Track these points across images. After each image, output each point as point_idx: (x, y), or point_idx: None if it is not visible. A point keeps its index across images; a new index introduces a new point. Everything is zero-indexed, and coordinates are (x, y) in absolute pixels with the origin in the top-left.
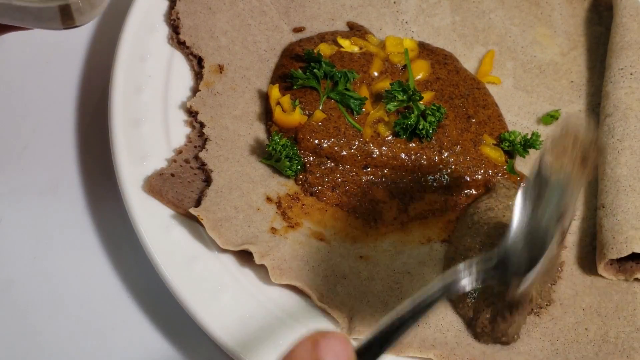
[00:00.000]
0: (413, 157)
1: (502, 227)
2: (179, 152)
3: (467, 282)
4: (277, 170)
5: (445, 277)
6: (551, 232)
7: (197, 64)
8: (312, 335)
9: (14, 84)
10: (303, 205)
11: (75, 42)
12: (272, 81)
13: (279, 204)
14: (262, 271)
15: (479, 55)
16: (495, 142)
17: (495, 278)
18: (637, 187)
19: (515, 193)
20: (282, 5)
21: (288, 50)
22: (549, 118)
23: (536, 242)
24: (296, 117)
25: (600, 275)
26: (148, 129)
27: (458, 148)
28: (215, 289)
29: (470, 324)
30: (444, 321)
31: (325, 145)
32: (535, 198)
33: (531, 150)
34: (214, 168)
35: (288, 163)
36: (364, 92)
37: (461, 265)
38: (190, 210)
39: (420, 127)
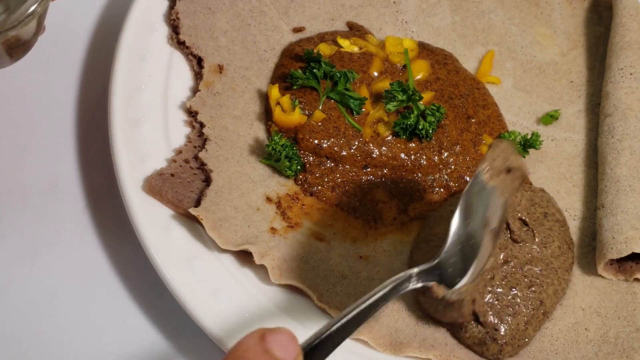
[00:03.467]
0: (413, 157)
1: None
2: (179, 152)
3: (415, 283)
4: (277, 170)
5: (395, 279)
6: (479, 236)
7: (197, 64)
8: (259, 330)
9: (14, 84)
10: (303, 205)
11: (76, 41)
12: (272, 81)
13: (278, 204)
14: (262, 271)
15: (478, 55)
16: None
17: (435, 278)
18: (637, 187)
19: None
20: (282, 5)
21: (288, 50)
22: (549, 118)
23: (468, 245)
24: (296, 117)
25: (600, 275)
26: (148, 129)
27: (458, 148)
28: (215, 289)
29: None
30: None
31: (325, 145)
32: (470, 208)
33: (531, 150)
34: (214, 168)
35: (288, 163)
36: (364, 92)
37: (411, 270)
38: (190, 210)
39: (420, 127)
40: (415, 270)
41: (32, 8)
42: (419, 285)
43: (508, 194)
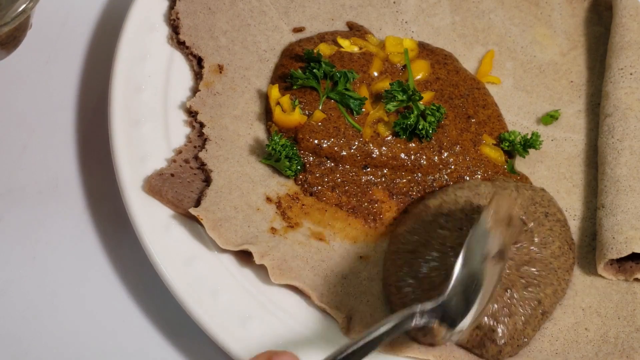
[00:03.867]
0: (413, 157)
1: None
2: (179, 152)
3: (418, 321)
4: (277, 170)
5: (399, 316)
6: (481, 275)
7: (197, 64)
8: (266, 352)
9: (14, 83)
10: (303, 205)
11: (75, 42)
12: (272, 81)
13: (278, 204)
14: (262, 271)
15: (478, 55)
16: (495, 142)
17: (437, 317)
18: (637, 187)
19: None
20: (282, 5)
21: (288, 50)
22: (549, 118)
23: (471, 286)
24: (296, 117)
25: (600, 275)
26: (148, 129)
27: (458, 148)
28: (215, 289)
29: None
30: None
31: (325, 145)
32: (471, 253)
33: (531, 151)
34: (214, 168)
35: (288, 163)
36: (364, 92)
37: (415, 307)
38: (190, 210)
39: (420, 127)
40: (418, 308)
41: (24, 6)
42: (422, 323)
43: (506, 244)
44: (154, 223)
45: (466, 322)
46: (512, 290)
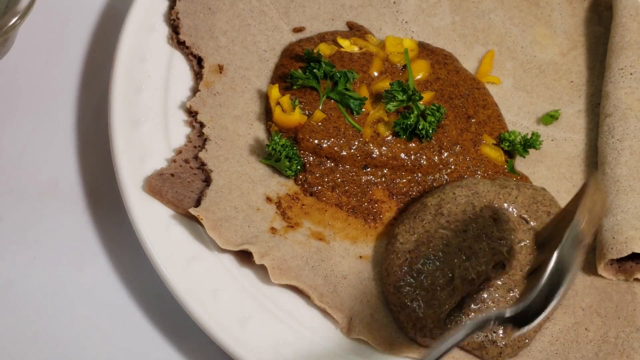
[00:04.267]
0: (413, 157)
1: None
2: (179, 152)
3: (491, 327)
4: (277, 170)
5: (473, 325)
6: (567, 272)
7: (197, 64)
8: None
9: (13, 84)
10: (303, 205)
11: (76, 42)
12: (272, 81)
13: (278, 204)
14: (262, 271)
15: (478, 55)
16: (495, 142)
17: (513, 323)
18: (637, 187)
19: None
20: (282, 5)
21: (288, 50)
22: (549, 118)
23: (556, 284)
24: (296, 117)
25: (600, 275)
26: (148, 129)
27: (458, 148)
28: (215, 289)
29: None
30: None
31: (325, 145)
32: (563, 255)
33: (531, 151)
34: (214, 168)
35: (288, 163)
36: (364, 92)
37: (491, 313)
38: (190, 210)
39: (420, 127)
40: (494, 315)
41: (14, 20)
42: (494, 329)
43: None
44: (154, 223)
45: (537, 321)
46: (515, 291)
